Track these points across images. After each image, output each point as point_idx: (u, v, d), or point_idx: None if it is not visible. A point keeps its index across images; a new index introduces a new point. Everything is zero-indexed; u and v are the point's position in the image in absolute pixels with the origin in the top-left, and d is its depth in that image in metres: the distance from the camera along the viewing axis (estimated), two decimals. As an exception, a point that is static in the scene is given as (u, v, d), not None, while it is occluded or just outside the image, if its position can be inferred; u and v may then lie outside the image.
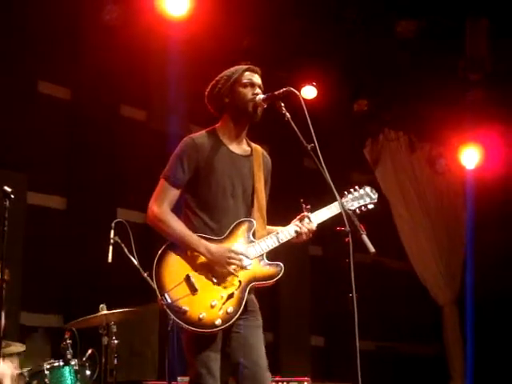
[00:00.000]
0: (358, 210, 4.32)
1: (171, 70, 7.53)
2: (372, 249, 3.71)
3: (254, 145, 4.34)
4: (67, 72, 7.85)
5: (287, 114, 4.02)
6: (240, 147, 4.27)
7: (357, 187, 4.40)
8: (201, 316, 3.88)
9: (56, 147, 7.89)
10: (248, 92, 4.18)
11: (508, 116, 9.76)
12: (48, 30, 7.48)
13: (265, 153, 4.37)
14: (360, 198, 4.37)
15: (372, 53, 8.64)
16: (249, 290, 4.02)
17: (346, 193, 4.34)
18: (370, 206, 4.38)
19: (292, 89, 4.05)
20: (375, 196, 4.43)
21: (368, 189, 4.43)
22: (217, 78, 4.25)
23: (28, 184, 7.49)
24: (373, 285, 9.39)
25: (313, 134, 3.84)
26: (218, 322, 3.90)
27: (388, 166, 10.70)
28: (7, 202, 4.35)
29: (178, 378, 5.89)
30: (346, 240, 3.72)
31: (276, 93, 4.09)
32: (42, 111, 7.72)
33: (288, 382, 6.45)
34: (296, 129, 3.95)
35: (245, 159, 4.25)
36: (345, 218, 3.80)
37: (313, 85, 8.64)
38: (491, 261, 10.62)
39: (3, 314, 5.02)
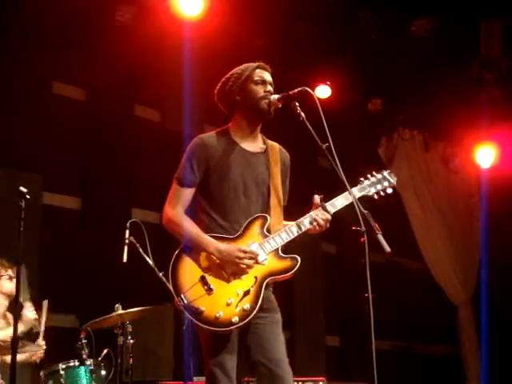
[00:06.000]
0: (376, 196, 4.26)
1: (185, 70, 7.53)
2: (387, 248, 3.70)
3: (270, 142, 4.30)
4: (82, 73, 7.86)
5: (302, 113, 4.01)
6: (254, 145, 4.23)
7: (374, 172, 4.32)
8: (217, 315, 3.87)
9: (71, 148, 7.92)
10: (260, 89, 4.15)
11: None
12: (62, 31, 7.50)
13: (282, 149, 4.33)
14: (378, 183, 4.29)
15: (386, 52, 8.62)
16: (265, 286, 3.98)
17: (362, 179, 4.27)
18: (389, 190, 4.29)
19: (307, 88, 4.04)
20: (394, 179, 4.34)
21: (386, 173, 4.35)
22: (227, 76, 4.23)
23: (43, 184, 7.53)
24: (388, 285, 9.36)
25: (327, 133, 3.83)
26: (235, 319, 3.88)
27: (402, 165, 10.67)
28: (23, 203, 4.36)
29: (194, 378, 5.88)
30: (362, 240, 3.72)
31: (291, 92, 4.08)
32: (56, 112, 7.74)
33: (303, 381, 6.43)
34: (311, 128, 3.94)
35: (259, 156, 4.21)
36: (358, 212, 3.80)
37: (327, 84, 8.64)
38: (506, 260, 10.58)
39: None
